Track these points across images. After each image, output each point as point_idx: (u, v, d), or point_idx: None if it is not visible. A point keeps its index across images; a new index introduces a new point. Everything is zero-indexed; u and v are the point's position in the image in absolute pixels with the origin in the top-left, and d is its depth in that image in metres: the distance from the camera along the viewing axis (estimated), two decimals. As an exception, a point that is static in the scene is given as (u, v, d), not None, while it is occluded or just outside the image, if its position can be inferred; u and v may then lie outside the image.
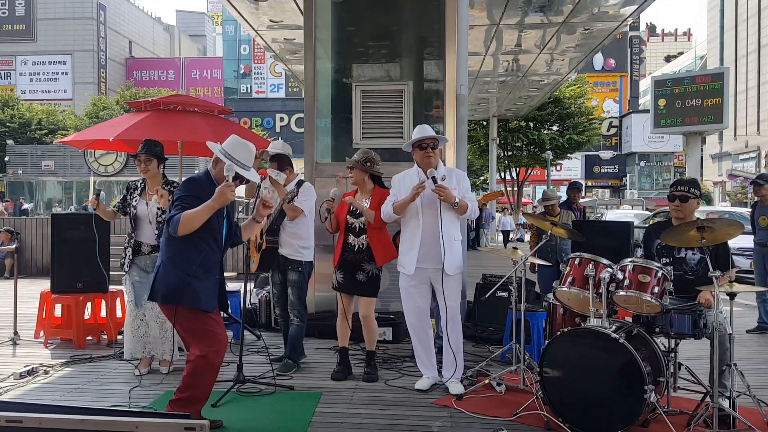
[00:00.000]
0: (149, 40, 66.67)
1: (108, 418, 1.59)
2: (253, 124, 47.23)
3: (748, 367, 4.70)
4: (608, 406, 3.56)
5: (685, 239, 3.90)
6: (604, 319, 3.77)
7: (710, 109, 16.75)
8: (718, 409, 3.57)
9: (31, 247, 11.76)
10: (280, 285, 5.18)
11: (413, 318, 4.55)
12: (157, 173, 4.87)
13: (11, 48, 54.44)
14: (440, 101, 6.76)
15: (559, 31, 10.15)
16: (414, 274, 4.44)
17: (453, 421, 3.87)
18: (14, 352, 5.71)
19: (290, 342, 5.05)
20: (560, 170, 40.10)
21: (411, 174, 4.54)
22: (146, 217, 4.84)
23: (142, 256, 4.88)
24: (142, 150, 4.81)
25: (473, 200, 4.49)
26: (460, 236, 4.57)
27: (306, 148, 6.79)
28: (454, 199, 4.29)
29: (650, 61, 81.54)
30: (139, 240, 4.88)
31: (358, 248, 4.68)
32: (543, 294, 6.01)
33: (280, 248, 4.99)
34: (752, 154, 43.64)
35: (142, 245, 4.88)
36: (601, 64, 46.99)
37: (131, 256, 4.87)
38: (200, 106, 7.66)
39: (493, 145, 21.89)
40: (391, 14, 7.09)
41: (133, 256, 4.87)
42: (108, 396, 4.34)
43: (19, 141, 35.23)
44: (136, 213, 4.87)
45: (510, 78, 14.09)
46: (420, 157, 4.47)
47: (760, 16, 44.08)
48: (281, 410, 4.04)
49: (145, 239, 4.87)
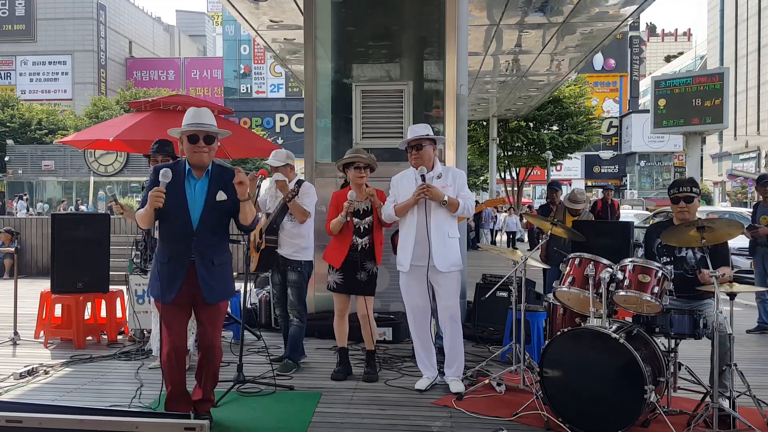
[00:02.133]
0: (149, 40, 66.66)
1: (108, 418, 1.59)
2: (253, 124, 47.22)
3: (748, 367, 4.70)
4: (608, 406, 3.56)
5: (686, 239, 3.90)
6: (604, 319, 3.77)
7: (710, 109, 16.74)
8: (718, 409, 3.57)
9: (31, 247, 11.76)
10: (279, 285, 5.16)
11: (413, 317, 4.57)
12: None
13: (11, 48, 54.42)
14: (440, 101, 6.76)
15: (559, 31, 10.15)
16: (410, 272, 4.46)
17: (453, 421, 3.87)
18: (14, 352, 5.71)
19: (290, 342, 5.05)
20: (560, 170, 40.08)
21: (409, 174, 4.56)
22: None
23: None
24: (158, 151, 4.84)
25: (469, 198, 4.47)
26: (457, 234, 4.54)
27: (306, 148, 6.79)
28: (441, 197, 4.31)
29: (650, 61, 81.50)
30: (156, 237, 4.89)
31: (361, 248, 4.69)
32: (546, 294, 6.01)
33: (280, 248, 4.98)
34: (752, 154, 43.64)
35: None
36: (601, 64, 46.98)
37: (150, 254, 4.86)
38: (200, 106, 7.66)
39: (493, 145, 21.89)
40: (391, 14, 7.08)
41: (152, 254, 4.86)
42: (108, 396, 4.34)
43: (19, 141, 35.25)
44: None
45: (510, 78, 14.09)
46: (409, 158, 4.52)
47: (760, 16, 44.08)
48: (281, 410, 4.04)
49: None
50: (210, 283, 3.42)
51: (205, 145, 3.40)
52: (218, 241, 3.50)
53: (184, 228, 3.39)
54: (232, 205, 3.42)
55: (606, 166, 47.38)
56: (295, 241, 4.95)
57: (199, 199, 3.41)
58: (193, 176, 3.43)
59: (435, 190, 4.30)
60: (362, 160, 4.69)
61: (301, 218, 4.85)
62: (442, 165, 4.60)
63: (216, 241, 3.48)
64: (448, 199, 4.34)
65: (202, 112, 3.46)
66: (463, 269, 4.62)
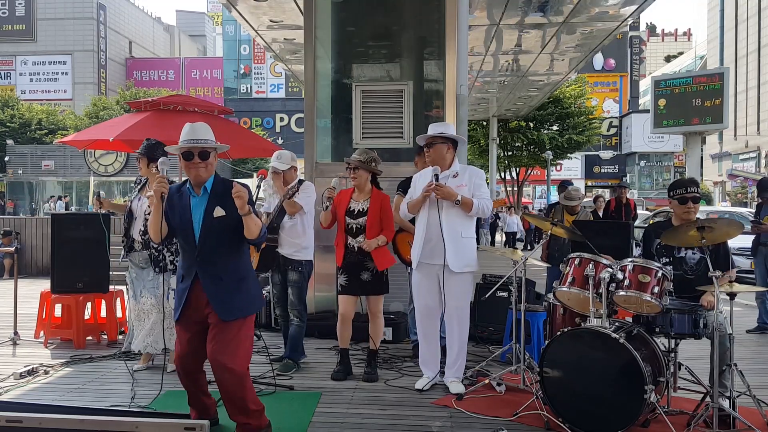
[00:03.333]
0: (149, 40, 66.66)
1: (108, 418, 1.59)
2: (253, 124, 47.22)
3: (748, 367, 4.69)
4: (608, 406, 3.56)
5: (685, 239, 3.90)
6: (604, 319, 3.77)
7: (710, 109, 16.73)
8: (718, 409, 3.57)
9: (31, 247, 11.75)
10: (279, 285, 5.16)
11: (421, 315, 4.55)
12: (149, 173, 4.88)
13: (11, 48, 54.41)
14: (440, 101, 6.76)
15: (559, 31, 10.15)
16: (421, 270, 4.44)
17: (453, 421, 3.87)
18: (14, 352, 5.71)
19: (290, 342, 5.05)
20: (560, 170, 40.04)
21: (427, 172, 4.53)
22: (137, 213, 4.89)
23: (135, 253, 4.93)
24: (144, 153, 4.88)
25: (485, 198, 4.42)
26: (472, 234, 4.48)
27: (306, 148, 6.80)
28: (453, 197, 4.27)
29: (650, 61, 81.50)
30: (133, 236, 4.91)
31: (358, 248, 4.67)
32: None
33: (280, 248, 4.97)
34: (752, 154, 43.64)
35: (135, 242, 4.91)
36: (601, 64, 46.96)
37: (126, 252, 4.93)
38: (200, 106, 7.67)
39: (493, 145, 21.88)
40: (391, 14, 7.08)
41: (128, 252, 4.92)
42: (108, 396, 4.34)
43: (19, 141, 35.25)
44: (130, 208, 4.92)
45: (510, 78, 14.09)
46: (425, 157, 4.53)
47: (760, 16, 44.08)
48: (281, 410, 4.04)
49: (137, 235, 4.90)
50: (222, 298, 3.30)
51: (201, 161, 3.32)
52: (227, 256, 3.36)
53: (190, 245, 3.35)
54: (232, 220, 3.28)
55: (606, 166, 47.35)
56: (296, 240, 4.94)
57: (198, 216, 3.34)
58: (193, 193, 3.37)
59: (446, 190, 4.26)
60: (352, 161, 4.71)
61: (291, 210, 4.83)
62: (458, 164, 4.55)
63: (224, 257, 3.35)
64: (462, 199, 4.29)
65: (197, 128, 3.38)
66: (475, 270, 4.54)
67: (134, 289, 4.98)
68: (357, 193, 4.76)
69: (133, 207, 4.92)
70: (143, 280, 4.93)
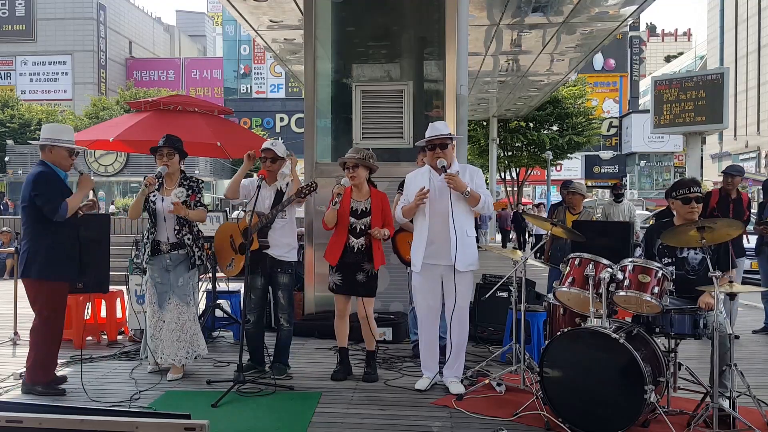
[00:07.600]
0: (149, 40, 66.64)
1: (108, 418, 1.59)
2: (253, 125, 47.21)
3: (749, 367, 4.70)
4: (608, 406, 3.56)
5: (686, 239, 3.90)
6: (604, 320, 3.77)
7: (710, 110, 16.72)
8: (718, 410, 3.57)
9: (31, 247, 11.72)
10: (260, 290, 4.81)
11: (422, 316, 4.54)
12: (177, 168, 4.77)
13: (11, 48, 54.39)
14: (440, 101, 6.76)
15: (559, 32, 10.15)
16: (423, 272, 4.41)
17: (453, 421, 3.87)
18: (14, 352, 5.71)
19: (281, 346, 4.91)
20: (560, 170, 40.02)
21: (422, 173, 4.52)
22: (163, 214, 4.65)
23: (162, 255, 4.68)
24: (165, 143, 4.70)
25: (488, 195, 4.43)
26: (474, 233, 4.48)
27: (306, 148, 6.79)
28: (465, 187, 4.26)
29: (650, 61, 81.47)
30: (158, 239, 4.69)
31: (357, 249, 4.65)
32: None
33: (270, 249, 4.74)
34: (752, 154, 43.63)
35: (161, 243, 4.68)
36: (601, 64, 46.96)
37: (150, 255, 4.67)
38: (200, 107, 7.67)
39: (493, 145, 21.88)
40: (391, 14, 7.08)
41: (152, 254, 4.68)
42: (108, 396, 4.34)
43: (19, 141, 35.24)
44: (155, 209, 4.67)
45: (510, 78, 14.09)
46: (429, 157, 4.46)
47: (760, 16, 44.07)
48: (281, 410, 4.04)
49: (163, 237, 4.68)
50: None
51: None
52: None
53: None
54: None
55: (606, 166, 47.33)
56: (286, 240, 4.80)
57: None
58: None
59: (458, 180, 4.25)
60: (350, 160, 4.65)
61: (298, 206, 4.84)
62: (457, 163, 4.54)
63: None
64: (470, 191, 4.28)
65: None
66: (477, 268, 4.55)
67: (158, 296, 4.69)
68: (356, 192, 4.72)
69: (158, 208, 4.65)
70: (170, 285, 4.68)
